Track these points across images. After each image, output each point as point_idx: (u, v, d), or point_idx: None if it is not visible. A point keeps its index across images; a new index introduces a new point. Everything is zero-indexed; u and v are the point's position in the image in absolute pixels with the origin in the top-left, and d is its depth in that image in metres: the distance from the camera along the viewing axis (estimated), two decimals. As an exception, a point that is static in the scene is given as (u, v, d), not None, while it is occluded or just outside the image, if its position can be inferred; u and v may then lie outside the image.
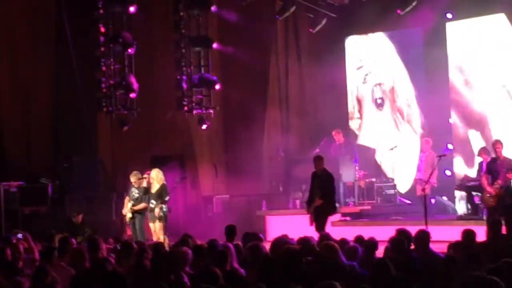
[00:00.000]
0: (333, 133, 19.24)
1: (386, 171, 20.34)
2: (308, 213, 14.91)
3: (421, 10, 18.87)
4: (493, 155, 15.22)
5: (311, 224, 14.59)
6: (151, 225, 15.70)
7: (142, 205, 15.83)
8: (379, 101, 20.86)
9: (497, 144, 14.95)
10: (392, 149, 19.99)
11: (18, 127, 20.01)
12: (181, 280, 8.28)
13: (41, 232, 12.88)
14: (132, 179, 16.06)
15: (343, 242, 9.93)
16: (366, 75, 21.15)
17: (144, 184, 15.92)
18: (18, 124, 20.01)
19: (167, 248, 11.72)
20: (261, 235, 11.01)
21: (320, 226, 14.26)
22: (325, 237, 10.06)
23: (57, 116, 20.16)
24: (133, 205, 15.89)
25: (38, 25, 20.07)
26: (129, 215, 15.99)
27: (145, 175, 16.04)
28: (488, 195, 14.68)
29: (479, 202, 15.75)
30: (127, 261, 9.42)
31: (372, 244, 9.87)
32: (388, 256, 9.27)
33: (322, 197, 14.64)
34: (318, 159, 15.07)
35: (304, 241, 9.81)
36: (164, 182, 15.91)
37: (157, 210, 15.51)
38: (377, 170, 20.21)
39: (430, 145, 18.18)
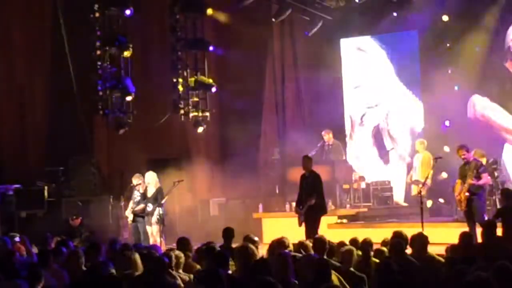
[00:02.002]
0: (323, 133, 19.23)
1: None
2: (296, 214, 14.85)
3: (417, 12, 18.92)
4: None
5: (301, 225, 14.53)
6: (148, 228, 15.70)
7: (140, 206, 15.84)
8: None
9: (460, 150, 14.45)
10: (389, 151, 19.99)
11: (14, 130, 20.00)
12: (176, 283, 8.30)
13: (37, 235, 12.86)
14: (134, 181, 16.05)
15: (340, 244, 9.95)
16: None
17: (141, 190, 15.92)
18: (14, 127, 20.00)
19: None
20: (256, 238, 11.00)
21: (312, 229, 14.15)
22: (320, 240, 10.00)
23: (53, 119, 20.14)
24: (133, 208, 15.91)
25: (34, 28, 20.07)
26: (130, 217, 16.02)
27: (140, 182, 16.03)
28: (458, 200, 14.49)
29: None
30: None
31: (367, 245, 9.86)
32: (384, 258, 9.30)
33: (313, 197, 14.54)
34: (306, 159, 15.01)
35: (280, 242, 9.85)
36: (160, 185, 15.93)
37: (155, 214, 15.54)
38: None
39: (424, 146, 18.17)
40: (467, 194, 14.13)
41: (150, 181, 15.87)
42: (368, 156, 20.90)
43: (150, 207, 15.66)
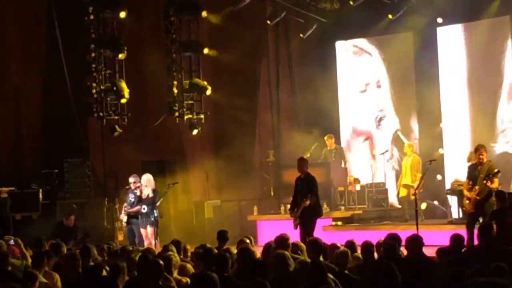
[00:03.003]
0: (325, 137, 19.22)
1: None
2: (292, 217, 14.77)
3: (412, 15, 18.95)
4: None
5: (296, 228, 14.44)
6: (142, 230, 15.69)
7: (135, 208, 15.83)
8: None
9: (481, 149, 14.24)
10: (383, 153, 19.98)
11: (8, 133, 19.98)
12: (169, 285, 8.29)
13: (32, 238, 12.84)
14: (131, 180, 16.01)
15: (332, 246, 9.94)
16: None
17: (138, 192, 15.90)
18: (8, 129, 19.98)
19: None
20: (248, 240, 10.99)
21: (307, 232, 14.09)
22: (315, 242, 9.98)
23: (48, 121, 20.14)
24: (128, 210, 15.90)
25: (29, 31, 20.05)
26: (124, 219, 16.00)
27: (138, 184, 16.01)
28: (466, 201, 14.40)
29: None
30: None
31: (369, 247, 9.82)
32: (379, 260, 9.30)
33: (308, 198, 14.43)
34: (301, 161, 14.90)
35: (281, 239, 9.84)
36: (155, 187, 15.92)
37: (150, 216, 15.54)
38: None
39: (413, 149, 18.15)
40: (477, 197, 14.03)
41: (146, 183, 15.86)
42: (361, 159, 20.91)
43: (145, 209, 15.65)
